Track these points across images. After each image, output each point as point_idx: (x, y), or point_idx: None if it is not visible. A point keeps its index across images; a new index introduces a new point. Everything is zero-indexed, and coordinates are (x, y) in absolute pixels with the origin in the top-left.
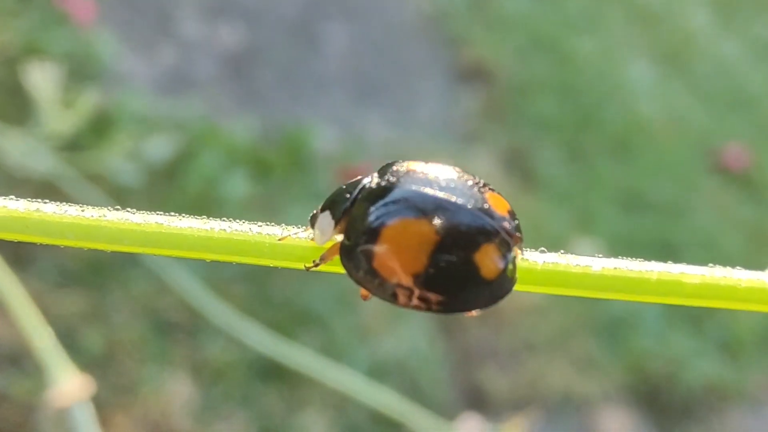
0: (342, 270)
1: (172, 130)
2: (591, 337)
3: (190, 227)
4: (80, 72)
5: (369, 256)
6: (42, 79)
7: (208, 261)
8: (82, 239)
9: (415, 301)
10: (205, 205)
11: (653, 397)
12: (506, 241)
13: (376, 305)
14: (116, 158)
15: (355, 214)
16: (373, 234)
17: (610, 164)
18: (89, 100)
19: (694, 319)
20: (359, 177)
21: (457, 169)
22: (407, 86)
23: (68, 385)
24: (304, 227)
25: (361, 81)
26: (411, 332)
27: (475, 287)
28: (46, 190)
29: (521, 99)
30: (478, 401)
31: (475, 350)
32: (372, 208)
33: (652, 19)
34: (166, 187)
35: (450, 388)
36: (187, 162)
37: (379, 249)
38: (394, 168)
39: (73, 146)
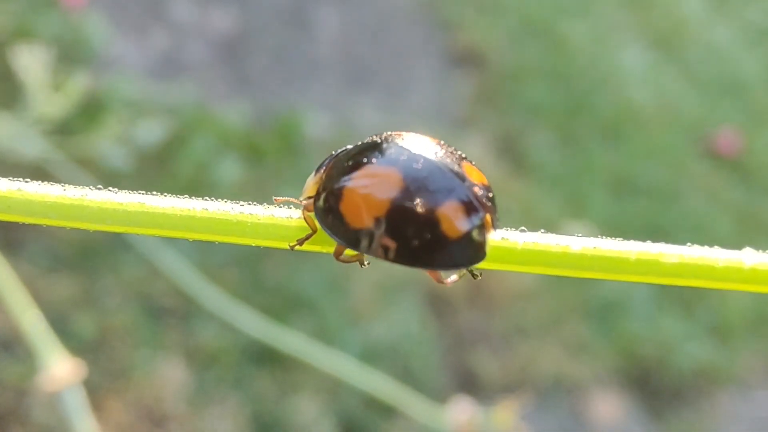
0: (328, 249)
1: (164, 114)
2: (582, 321)
3: (173, 207)
4: (70, 56)
5: (338, 198)
6: (31, 63)
7: (199, 246)
8: (65, 219)
9: (375, 247)
10: (196, 190)
11: (644, 380)
12: (474, 205)
13: (367, 290)
14: (106, 142)
15: (332, 165)
16: (343, 178)
17: (601, 149)
18: (79, 84)
19: (684, 303)
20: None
21: (439, 140)
22: (399, 71)
23: (60, 369)
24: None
25: (354, 66)
26: (403, 316)
27: (435, 242)
28: (36, 174)
29: (514, 84)
30: (469, 384)
31: (466, 334)
32: (347, 160)
33: (644, 4)
34: (158, 172)
35: (442, 371)
36: (178, 146)
37: (347, 191)
38: (377, 134)
39: (63, 130)
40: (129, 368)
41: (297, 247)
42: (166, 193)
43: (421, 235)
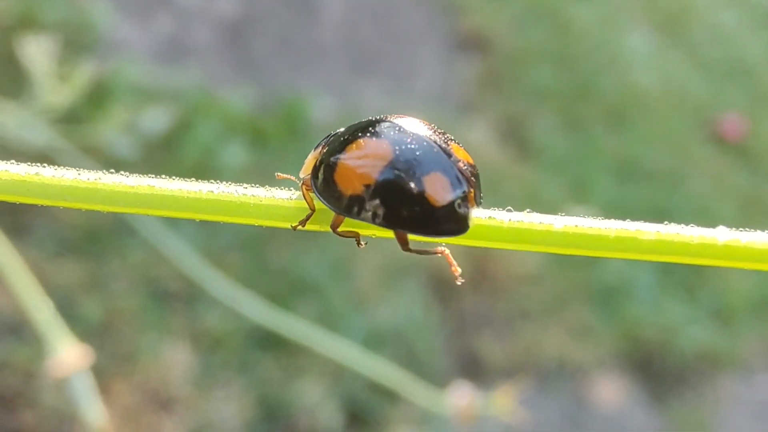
0: (328, 228)
1: (169, 99)
2: (585, 305)
3: (180, 189)
4: (75, 41)
5: (332, 168)
6: (37, 53)
7: (203, 230)
8: (80, 201)
9: (365, 213)
10: (202, 175)
11: (646, 364)
12: (458, 179)
13: (371, 274)
14: (112, 131)
15: (329, 141)
16: (338, 151)
17: (606, 133)
18: (84, 74)
19: (687, 286)
20: None
21: (429, 123)
22: (404, 55)
23: (67, 355)
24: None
25: (358, 50)
26: (406, 300)
27: (420, 210)
28: (43, 162)
29: (518, 68)
30: (473, 368)
31: (470, 318)
32: (342, 136)
33: None
34: (163, 158)
35: (445, 355)
36: (183, 132)
37: (341, 161)
38: (372, 116)
39: (69, 118)
40: (135, 352)
41: (299, 228)
42: (172, 177)
43: (408, 203)
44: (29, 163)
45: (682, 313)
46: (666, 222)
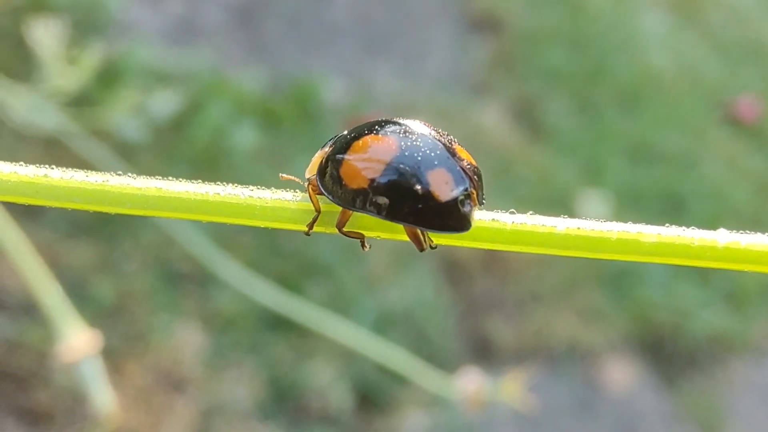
0: (333, 230)
1: (179, 81)
2: (596, 288)
3: (187, 191)
4: (86, 22)
5: (339, 163)
6: (47, 35)
7: None
8: (88, 202)
9: (370, 206)
10: (213, 157)
11: (658, 347)
12: (462, 177)
13: (382, 256)
14: (122, 114)
15: (335, 140)
16: (344, 147)
17: (619, 116)
18: (94, 56)
19: (699, 270)
20: None
21: (432, 125)
22: (416, 36)
23: (77, 340)
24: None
25: (370, 31)
26: (417, 282)
27: (424, 203)
28: (53, 146)
29: (531, 49)
30: (483, 351)
31: (480, 300)
32: (347, 135)
33: None
34: (174, 140)
35: (456, 337)
36: (194, 114)
37: (348, 157)
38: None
39: (79, 100)
40: (147, 333)
41: (311, 232)
42: (183, 162)
43: (412, 197)
44: (38, 155)
45: (695, 296)
46: (680, 208)
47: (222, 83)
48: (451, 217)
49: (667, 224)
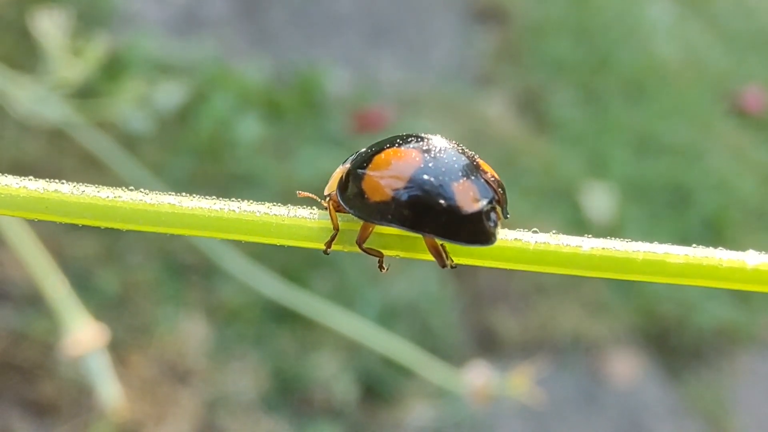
0: (352, 248)
1: (184, 72)
2: (601, 280)
3: (201, 208)
4: (90, 14)
5: (361, 177)
6: (51, 26)
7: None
8: (99, 219)
9: (393, 217)
10: (217, 148)
11: (663, 339)
12: (487, 189)
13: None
14: (127, 105)
15: (356, 156)
16: (366, 161)
17: (625, 106)
18: (99, 47)
19: None
20: None
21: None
22: (421, 27)
23: (82, 334)
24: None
25: (375, 21)
26: (422, 274)
27: (448, 215)
28: (58, 137)
29: (536, 40)
30: (488, 343)
31: (485, 293)
32: (369, 148)
33: None
34: (178, 131)
35: (461, 330)
36: (199, 105)
37: (370, 170)
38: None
39: (84, 92)
40: (152, 324)
41: (329, 250)
42: (187, 153)
43: (436, 208)
44: (43, 143)
45: (700, 288)
46: (686, 199)
47: (226, 74)
48: (477, 229)
49: (694, 246)
